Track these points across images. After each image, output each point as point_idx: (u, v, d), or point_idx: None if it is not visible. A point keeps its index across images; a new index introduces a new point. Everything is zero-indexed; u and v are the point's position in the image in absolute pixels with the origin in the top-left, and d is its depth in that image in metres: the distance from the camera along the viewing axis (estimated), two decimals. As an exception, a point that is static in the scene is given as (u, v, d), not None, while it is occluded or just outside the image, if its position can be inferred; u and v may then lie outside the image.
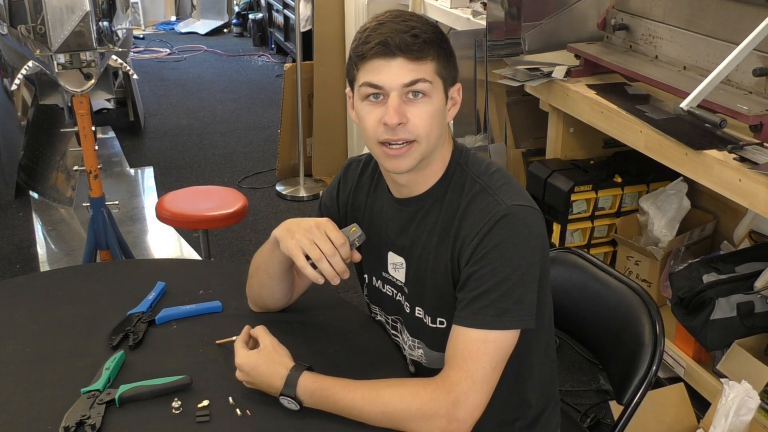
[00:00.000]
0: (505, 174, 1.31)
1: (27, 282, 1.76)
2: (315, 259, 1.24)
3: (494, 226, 1.22)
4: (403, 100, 1.23)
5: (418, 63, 1.22)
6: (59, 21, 2.36)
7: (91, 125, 2.59)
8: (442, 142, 1.30)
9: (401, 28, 1.22)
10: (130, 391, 1.27)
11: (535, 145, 3.21)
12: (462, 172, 1.32)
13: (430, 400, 1.19)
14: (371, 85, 1.24)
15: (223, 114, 5.63)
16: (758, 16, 2.01)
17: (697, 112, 2.06)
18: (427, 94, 1.24)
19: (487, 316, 1.21)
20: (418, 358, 1.43)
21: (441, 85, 1.27)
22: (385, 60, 1.22)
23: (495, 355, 1.22)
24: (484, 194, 1.27)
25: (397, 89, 1.23)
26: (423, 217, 1.33)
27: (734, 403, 1.89)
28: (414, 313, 1.38)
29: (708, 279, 2.29)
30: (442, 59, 1.26)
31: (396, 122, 1.23)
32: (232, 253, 3.57)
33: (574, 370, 2.68)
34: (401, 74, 1.22)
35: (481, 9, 3.29)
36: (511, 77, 2.83)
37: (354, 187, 1.45)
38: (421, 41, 1.22)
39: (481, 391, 1.20)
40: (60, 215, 3.81)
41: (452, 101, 1.32)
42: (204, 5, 8.55)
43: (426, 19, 1.28)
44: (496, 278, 1.21)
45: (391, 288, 1.42)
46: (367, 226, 1.42)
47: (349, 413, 1.22)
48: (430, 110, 1.25)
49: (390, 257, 1.40)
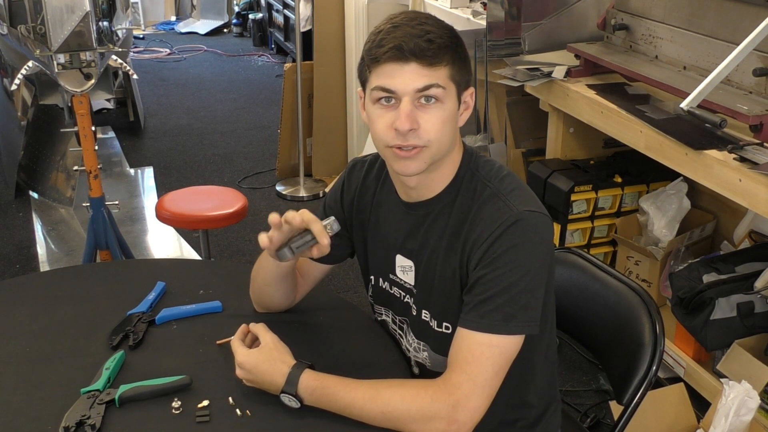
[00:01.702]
0: (515, 179, 1.31)
1: (27, 282, 1.76)
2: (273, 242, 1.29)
3: (505, 231, 1.22)
4: (415, 105, 1.22)
5: (432, 68, 1.21)
6: (59, 21, 2.35)
7: (91, 125, 2.59)
8: (452, 147, 1.29)
9: (416, 32, 1.20)
10: (130, 391, 1.27)
11: (535, 145, 3.21)
12: (472, 176, 1.31)
13: (431, 401, 1.19)
14: (384, 89, 1.22)
15: (223, 114, 5.63)
16: (758, 16, 2.01)
17: (697, 112, 2.06)
18: (440, 100, 1.23)
19: (493, 320, 1.21)
20: (422, 361, 1.43)
21: (454, 90, 1.25)
22: (398, 64, 1.20)
23: (499, 360, 1.21)
24: (494, 199, 1.27)
25: (410, 94, 1.21)
26: (433, 222, 1.33)
27: (734, 403, 1.89)
28: (421, 316, 1.38)
29: (708, 279, 2.29)
30: (456, 64, 1.24)
31: (407, 128, 1.21)
32: (232, 253, 3.57)
33: (574, 370, 2.68)
34: (414, 79, 1.21)
35: (481, 9, 3.29)
36: (511, 77, 2.83)
37: (359, 188, 1.44)
38: (436, 46, 1.20)
39: (482, 395, 1.20)
40: (60, 215, 3.81)
41: (465, 105, 1.30)
42: (204, 5, 8.55)
43: (442, 22, 1.26)
44: (504, 283, 1.21)
45: (399, 290, 1.42)
46: (373, 228, 1.42)
47: (350, 412, 1.22)
48: (442, 116, 1.23)
49: (398, 260, 1.39)
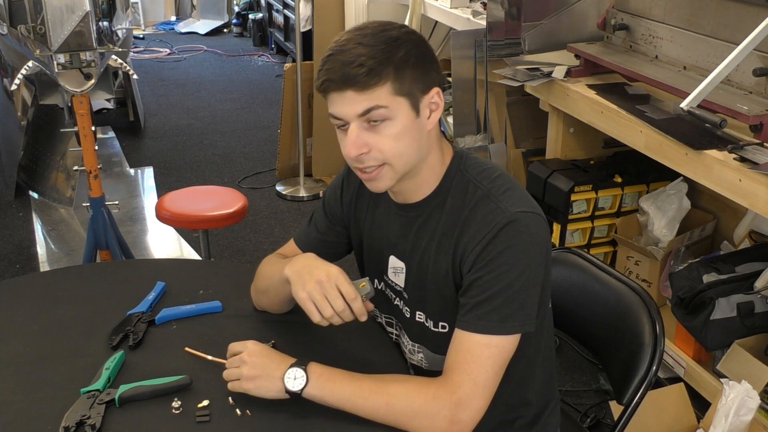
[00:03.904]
0: (508, 178, 1.30)
1: (27, 282, 1.76)
2: (326, 317, 1.24)
3: (498, 233, 1.21)
4: (364, 127, 1.22)
5: (368, 92, 1.19)
6: (59, 21, 2.35)
7: (91, 125, 2.59)
8: (424, 154, 1.28)
9: (347, 59, 1.18)
10: (130, 391, 1.27)
11: (535, 145, 3.20)
12: (463, 177, 1.30)
13: (433, 398, 1.20)
14: (333, 116, 1.24)
15: (223, 114, 5.63)
16: (758, 16, 2.01)
17: (697, 112, 2.06)
18: (387, 118, 1.21)
19: (490, 321, 1.21)
20: (418, 362, 1.43)
21: (405, 102, 1.22)
22: (337, 93, 1.20)
23: (498, 359, 1.22)
24: (486, 200, 1.26)
25: (355, 120, 1.21)
26: (423, 223, 1.33)
27: (734, 403, 1.89)
28: (414, 318, 1.38)
29: (708, 279, 2.29)
30: (402, 76, 1.20)
31: (354, 154, 1.22)
32: (232, 253, 3.57)
33: (574, 370, 2.68)
34: (353, 106, 1.20)
35: (481, 9, 3.29)
36: (511, 77, 2.83)
37: (357, 189, 1.45)
38: (366, 70, 1.17)
39: (482, 395, 1.20)
40: (60, 215, 3.81)
41: (431, 107, 1.27)
42: (204, 5, 8.55)
43: (384, 35, 1.21)
44: (500, 285, 1.21)
45: (391, 292, 1.42)
46: (369, 229, 1.42)
47: (354, 402, 1.22)
48: (393, 132, 1.22)
49: (391, 261, 1.39)
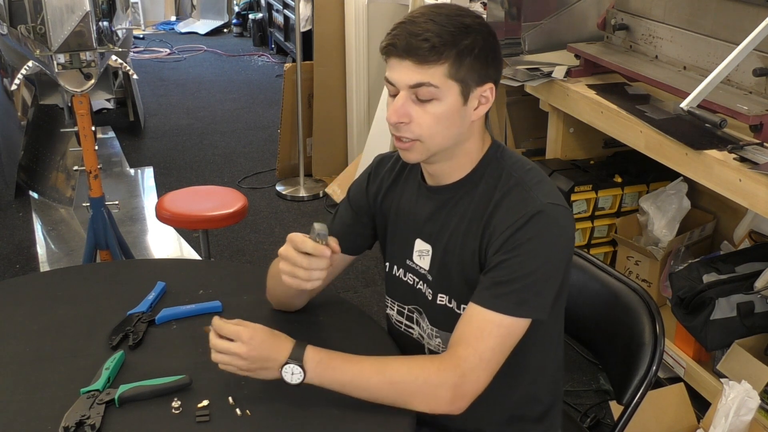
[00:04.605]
0: (539, 172, 1.33)
1: (27, 282, 1.77)
2: (303, 278, 1.26)
3: (529, 220, 1.24)
4: (412, 99, 1.25)
5: (425, 67, 1.22)
6: (59, 21, 2.35)
7: (91, 125, 2.59)
8: (462, 140, 1.31)
9: (416, 30, 1.21)
10: (130, 391, 1.27)
11: (535, 145, 3.21)
12: (498, 165, 1.33)
13: (438, 371, 1.22)
14: (387, 80, 1.27)
15: (223, 114, 5.63)
16: (758, 16, 2.01)
17: (697, 112, 2.06)
18: (435, 98, 1.24)
19: (507, 302, 1.23)
20: (435, 347, 1.43)
21: (456, 87, 1.25)
22: (397, 59, 1.24)
23: (506, 340, 1.24)
24: (519, 188, 1.29)
25: (405, 89, 1.25)
26: (454, 205, 1.35)
27: (734, 403, 1.89)
28: (437, 301, 1.39)
29: (708, 279, 2.29)
30: (461, 63, 1.23)
31: (394, 121, 1.26)
32: (232, 253, 3.57)
33: (574, 370, 2.68)
34: (408, 76, 1.23)
35: (481, 9, 3.29)
36: (511, 77, 2.83)
37: (384, 179, 1.47)
38: (430, 46, 1.20)
39: (486, 370, 1.23)
40: (60, 215, 3.81)
41: (480, 101, 1.29)
42: (204, 5, 8.54)
43: (458, 19, 1.24)
44: (523, 271, 1.24)
45: (413, 276, 1.43)
46: (395, 215, 1.44)
47: (356, 384, 1.23)
48: (436, 113, 1.25)
49: (417, 244, 1.41)
